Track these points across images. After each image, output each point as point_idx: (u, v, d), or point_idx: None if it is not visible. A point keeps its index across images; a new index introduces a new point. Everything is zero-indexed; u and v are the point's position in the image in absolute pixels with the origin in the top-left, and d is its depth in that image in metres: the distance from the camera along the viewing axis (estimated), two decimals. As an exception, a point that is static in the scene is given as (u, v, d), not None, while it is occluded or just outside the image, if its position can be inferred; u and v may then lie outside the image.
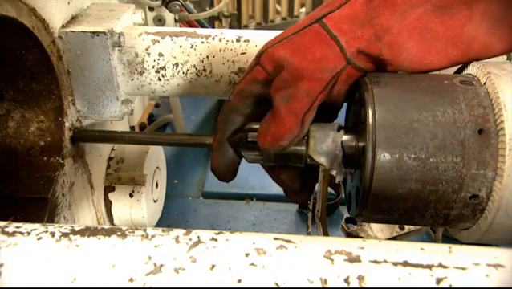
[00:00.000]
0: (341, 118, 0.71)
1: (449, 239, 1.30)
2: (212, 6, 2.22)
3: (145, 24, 1.14)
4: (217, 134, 0.64)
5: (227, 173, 0.66)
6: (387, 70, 0.57)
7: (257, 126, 0.61)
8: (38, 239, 0.42)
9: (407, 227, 1.34)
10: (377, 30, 0.54)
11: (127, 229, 0.44)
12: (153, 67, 0.84)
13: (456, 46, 0.54)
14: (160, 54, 0.84)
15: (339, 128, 0.60)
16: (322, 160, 0.59)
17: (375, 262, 0.40)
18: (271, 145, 0.58)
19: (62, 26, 0.79)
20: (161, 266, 0.40)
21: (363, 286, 0.38)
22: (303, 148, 0.60)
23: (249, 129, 0.63)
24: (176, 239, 0.43)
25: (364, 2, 0.55)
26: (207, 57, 0.82)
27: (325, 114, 0.61)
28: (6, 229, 0.43)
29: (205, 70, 0.83)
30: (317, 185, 1.84)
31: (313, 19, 0.57)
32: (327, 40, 0.55)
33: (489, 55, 0.55)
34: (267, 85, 0.59)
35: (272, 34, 0.64)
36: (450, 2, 0.52)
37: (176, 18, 1.61)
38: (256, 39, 0.81)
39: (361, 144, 0.58)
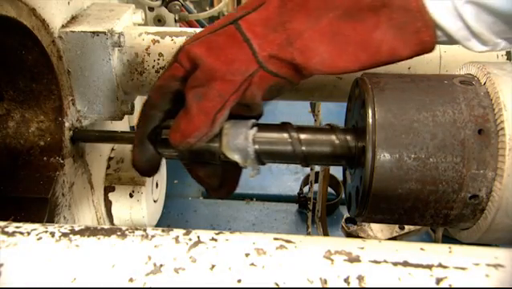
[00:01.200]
0: (341, 118, 0.71)
1: (448, 239, 1.30)
2: (212, 6, 2.22)
3: (145, 24, 1.14)
4: (137, 130, 0.64)
5: (148, 169, 0.66)
6: (302, 73, 0.57)
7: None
8: (38, 239, 0.42)
9: (407, 227, 1.34)
10: (289, 34, 0.55)
11: (127, 229, 0.44)
12: (153, 67, 0.84)
13: (365, 51, 0.55)
14: (160, 55, 0.84)
15: (253, 125, 0.60)
16: (235, 156, 0.60)
17: (375, 262, 0.40)
18: (180, 142, 0.58)
19: (62, 26, 0.79)
20: (161, 266, 0.40)
21: (363, 286, 0.38)
22: (216, 145, 0.60)
23: (166, 126, 0.63)
24: (176, 239, 0.43)
25: (278, 5, 0.55)
26: (207, 57, 0.82)
27: (247, 113, 0.61)
28: (6, 230, 0.43)
29: (205, 70, 0.83)
30: (317, 185, 1.84)
31: (230, 20, 0.57)
32: (240, 43, 0.55)
33: (397, 59, 0.56)
34: (185, 82, 0.59)
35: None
36: (358, 9, 0.53)
37: (176, 18, 1.61)
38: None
39: (361, 144, 0.58)
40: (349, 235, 1.38)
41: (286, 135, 0.60)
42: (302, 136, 0.60)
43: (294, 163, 0.62)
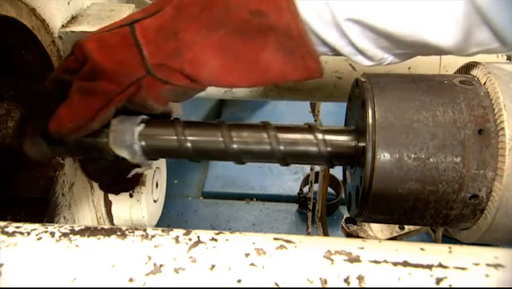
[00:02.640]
0: (341, 118, 0.71)
1: (448, 239, 1.30)
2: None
3: (145, 24, 1.14)
4: (30, 121, 0.65)
5: (42, 159, 0.66)
6: (193, 85, 0.57)
7: None
8: (38, 239, 0.42)
9: (407, 227, 1.34)
10: (180, 44, 0.55)
11: (127, 230, 0.44)
12: (153, 67, 0.84)
13: (255, 70, 0.55)
14: (160, 54, 0.84)
15: (141, 122, 0.61)
16: (123, 153, 0.60)
17: (375, 262, 0.40)
18: (55, 130, 0.58)
19: (62, 26, 0.79)
20: (161, 266, 0.40)
21: (363, 286, 0.38)
22: (105, 140, 0.60)
23: None
24: (176, 239, 0.43)
25: (173, 14, 0.55)
26: (207, 57, 0.82)
27: (149, 112, 0.61)
28: (6, 230, 0.43)
29: (205, 70, 0.83)
30: (317, 185, 1.84)
31: (127, 21, 0.57)
32: (132, 46, 0.55)
33: (287, 81, 0.56)
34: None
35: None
36: (247, 29, 0.53)
37: (176, 18, 1.60)
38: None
39: (361, 144, 0.58)
40: (349, 235, 1.38)
41: (173, 131, 0.60)
42: (187, 132, 0.60)
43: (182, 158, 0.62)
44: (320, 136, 0.58)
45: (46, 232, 0.43)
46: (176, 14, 0.55)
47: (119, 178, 0.67)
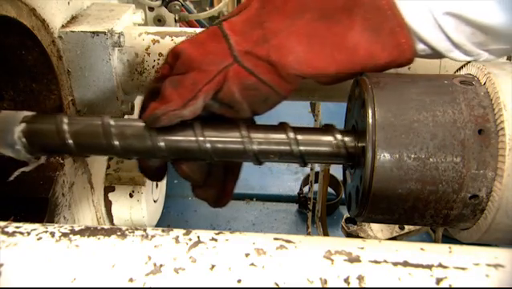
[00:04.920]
0: (341, 118, 0.71)
1: (449, 239, 1.30)
2: (212, 6, 2.22)
3: (145, 24, 1.14)
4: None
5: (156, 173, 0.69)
6: (280, 74, 0.57)
7: None
8: (38, 239, 0.42)
9: (407, 227, 1.34)
10: (266, 32, 0.56)
11: (127, 229, 0.44)
12: (153, 67, 0.84)
13: (342, 52, 0.56)
14: (160, 55, 0.84)
15: (23, 120, 0.61)
16: (8, 152, 0.61)
17: (375, 262, 0.40)
18: (146, 118, 0.59)
19: (63, 26, 0.79)
20: (161, 266, 0.40)
21: (363, 286, 0.38)
22: None
23: None
24: (176, 239, 0.43)
25: (258, 7, 0.58)
26: (207, 57, 0.82)
27: (233, 115, 0.61)
28: (6, 230, 0.43)
29: (205, 70, 0.83)
30: (317, 185, 1.84)
31: (215, 23, 0.60)
32: (219, 38, 0.58)
33: (375, 63, 0.56)
34: None
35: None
36: (332, 11, 0.55)
37: (176, 18, 1.61)
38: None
39: (361, 144, 0.58)
40: (349, 235, 1.38)
41: (53, 127, 0.61)
42: (69, 128, 0.60)
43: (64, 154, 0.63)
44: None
45: (46, 232, 0.43)
46: (260, 6, 0.58)
47: (212, 181, 0.68)
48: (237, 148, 0.60)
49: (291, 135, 0.60)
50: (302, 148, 0.60)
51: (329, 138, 0.60)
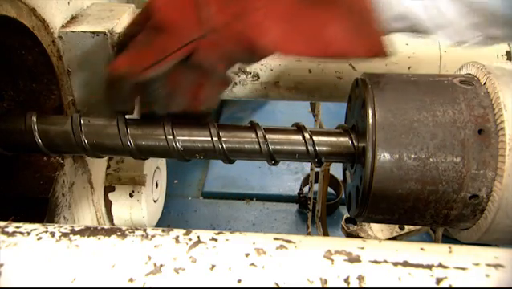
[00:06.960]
0: (341, 118, 0.71)
1: (448, 239, 1.30)
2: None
3: (145, 24, 1.14)
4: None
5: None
6: (254, 50, 0.57)
7: None
8: (38, 239, 0.42)
9: (407, 227, 1.34)
10: (246, 7, 0.55)
11: (127, 229, 0.44)
12: (153, 67, 0.84)
13: (318, 42, 0.55)
14: (160, 54, 0.84)
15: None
16: None
17: (375, 262, 0.40)
18: (109, 71, 0.60)
19: (62, 26, 0.79)
20: (161, 266, 0.40)
21: (363, 286, 0.38)
22: None
23: None
24: (176, 239, 0.43)
25: None
26: (207, 57, 0.82)
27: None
28: (6, 230, 0.43)
29: (204, 70, 0.83)
30: (317, 185, 1.84)
31: None
32: (197, 5, 0.57)
33: (353, 55, 0.56)
34: None
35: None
36: None
37: (176, 18, 1.60)
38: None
39: (361, 144, 0.58)
40: (349, 235, 1.38)
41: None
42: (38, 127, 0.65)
43: None
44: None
45: (46, 232, 0.43)
46: None
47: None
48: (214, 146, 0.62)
49: (260, 134, 0.61)
50: (271, 146, 0.61)
51: (298, 137, 0.61)
